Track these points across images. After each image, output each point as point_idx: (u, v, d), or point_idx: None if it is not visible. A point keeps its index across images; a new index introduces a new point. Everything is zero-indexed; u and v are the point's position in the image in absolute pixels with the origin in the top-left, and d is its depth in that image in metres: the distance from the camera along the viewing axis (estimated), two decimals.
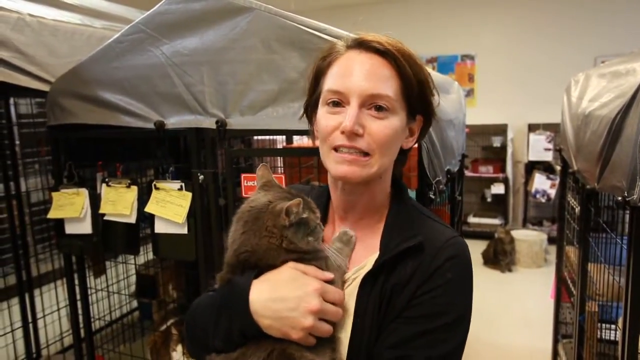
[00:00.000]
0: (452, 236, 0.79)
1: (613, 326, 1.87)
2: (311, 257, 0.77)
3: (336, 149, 0.77)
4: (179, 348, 1.96)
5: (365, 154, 0.76)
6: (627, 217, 1.34)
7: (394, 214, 0.84)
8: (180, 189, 1.60)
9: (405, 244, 0.76)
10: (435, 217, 0.86)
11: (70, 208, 1.79)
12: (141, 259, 2.32)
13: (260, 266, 0.76)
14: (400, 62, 0.77)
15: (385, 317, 0.76)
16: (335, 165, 0.78)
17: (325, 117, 0.79)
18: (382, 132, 0.76)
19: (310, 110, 0.87)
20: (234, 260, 0.78)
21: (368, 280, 0.77)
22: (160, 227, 1.63)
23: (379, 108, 0.76)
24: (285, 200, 0.75)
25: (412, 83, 0.78)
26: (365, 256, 0.82)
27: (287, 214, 0.73)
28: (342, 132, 0.75)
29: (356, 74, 0.76)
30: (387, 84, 0.76)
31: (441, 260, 0.75)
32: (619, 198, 1.23)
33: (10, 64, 1.78)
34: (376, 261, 0.78)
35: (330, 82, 0.79)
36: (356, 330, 0.76)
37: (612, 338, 1.89)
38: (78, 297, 1.94)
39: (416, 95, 0.80)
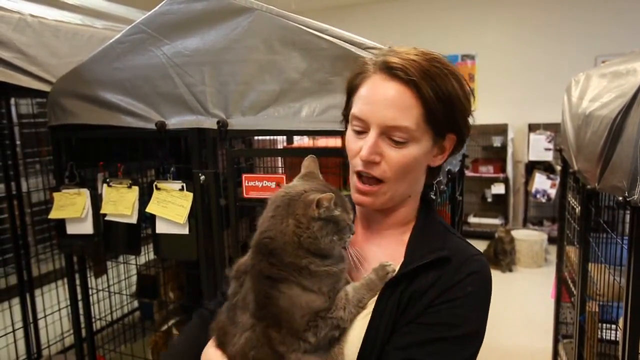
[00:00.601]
0: (476, 253, 0.82)
1: (614, 326, 1.87)
2: (330, 262, 0.76)
3: (357, 173, 0.81)
4: None
5: (379, 181, 0.79)
6: (628, 217, 1.34)
7: (420, 227, 0.86)
8: (182, 189, 1.60)
9: (433, 255, 0.78)
10: (459, 234, 0.88)
11: (72, 208, 1.79)
12: (142, 259, 2.32)
13: (276, 256, 0.74)
14: (423, 90, 0.76)
15: (399, 321, 0.77)
16: (354, 193, 0.83)
17: (350, 139, 0.83)
18: (397, 161, 0.78)
19: (346, 119, 0.90)
20: (256, 241, 0.78)
21: (390, 285, 0.78)
22: (161, 228, 1.64)
23: (397, 139, 0.78)
24: (320, 193, 0.75)
25: (436, 108, 0.77)
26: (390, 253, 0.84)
27: (318, 206, 0.73)
28: (360, 158, 0.79)
29: (377, 103, 0.78)
30: (407, 114, 0.77)
31: (464, 274, 0.77)
32: (620, 198, 1.23)
33: (11, 65, 1.78)
34: (401, 267, 0.80)
35: (356, 107, 0.82)
36: (371, 330, 0.77)
37: (613, 338, 1.89)
38: (79, 297, 1.94)
39: (442, 118, 0.79)
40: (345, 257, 0.81)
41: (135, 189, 1.72)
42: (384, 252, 0.86)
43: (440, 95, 0.77)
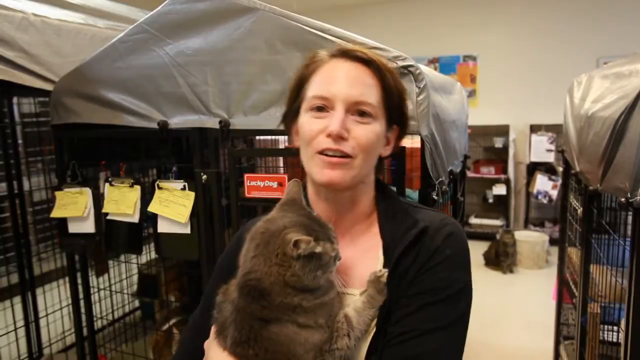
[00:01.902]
0: (445, 217, 0.83)
1: (615, 328, 1.87)
2: (320, 293, 0.73)
3: (321, 152, 0.78)
4: None
5: (350, 156, 0.78)
6: (630, 218, 1.34)
7: (384, 212, 0.85)
8: (183, 188, 1.60)
9: (410, 236, 0.78)
10: (422, 206, 0.89)
11: (74, 207, 1.80)
12: (143, 259, 2.32)
13: (266, 297, 0.71)
14: (383, 72, 0.81)
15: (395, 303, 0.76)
16: (321, 170, 0.78)
17: (309, 121, 0.80)
18: (366, 137, 0.78)
19: (290, 119, 0.87)
20: (242, 283, 0.74)
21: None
22: (163, 227, 1.64)
23: (363, 114, 0.78)
24: (301, 228, 0.72)
25: (393, 93, 0.82)
26: (374, 265, 0.81)
27: (296, 246, 0.69)
28: (329, 136, 0.77)
29: (341, 81, 0.78)
30: (370, 92, 0.79)
31: (439, 240, 0.78)
32: (622, 199, 1.23)
33: (14, 64, 1.78)
34: (387, 257, 0.79)
35: (315, 88, 0.80)
36: (379, 333, 0.76)
37: (615, 340, 1.89)
38: (81, 296, 1.95)
39: (395, 105, 0.83)
40: (334, 280, 0.77)
41: (137, 188, 1.72)
42: (360, 249, 0.84)
43: (395, 85, 0.83)
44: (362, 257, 0.83)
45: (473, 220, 5.61)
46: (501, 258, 4.51)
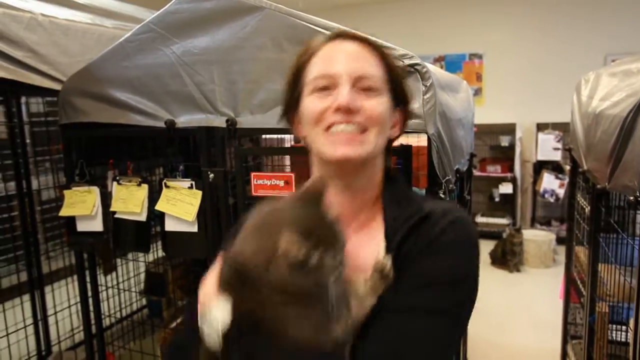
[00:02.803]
0: (452, 206, 0.79)
1: (624, 327, 1.86)
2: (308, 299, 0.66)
3: (329, 127, 0.74)
4: None
5: (363, 129, 0.74)
6: (639, 217, 1.33)
7: (389, 196, 0.81)
8: (191, 187, 1.61)
9: (412, 220, 0.74)
10: (428, 197, 0.87)
11: (82, 206, 1.81)
12: (150, 257, 2.34)
13: (249, 282, 0.64)
14: (381, 50, 0.79)
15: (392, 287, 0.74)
16: (334, 147, 0.73)
17: (313, 102, 0.76)
18: (376, 108, 0.75)
19: (291, 111, 0.83)
20: (229, 262, 0.68)
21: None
22: (170, 225, 1.65)
23: (369, 89, 0.75)
24: (301, 232, 0.64)
25: (394, 70, 0.80)
26: (376, 251, 0.79)
27: (287, 252, 0.62)
28: (337, 110, 0.73)
29: (342, 58, 0.76)
30: (374, 66, 0.77)
31: (442, 225, 0.73)
32: (630, 198, 1.22)
33: (23, 63, 1.80)
34: (388, 242, 0.75)
35: (316, 69, 0.77)
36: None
37: (623, 339, 1.88)
38: (89, 294, 1.96)
39: (399, 84, 0.81)
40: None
41: (145, 186, 1.73)
42: (365, 235, 0.81)
43: (396, 64, 0.80)
44: (366, 243, 0.80)
45: (479, 219, 5.59)
46: (508, 257, 4.49)
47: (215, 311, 0.67)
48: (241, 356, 0.66)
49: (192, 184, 1.61)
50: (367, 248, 0.80)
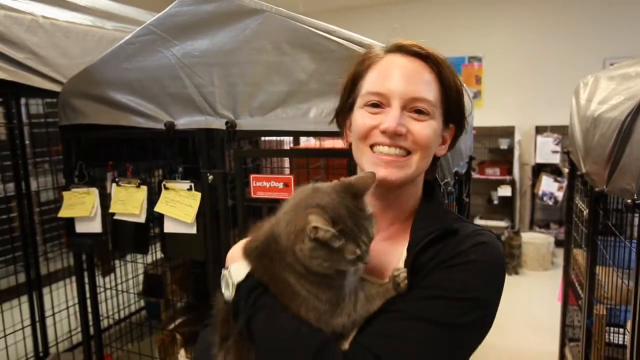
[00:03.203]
0: (482, 228, 0.77)
1: (622, 330, 1.86)
2: (324, 278, 0.70)
3: (373, 146, 0.76)
4: (182, 352, 1.97)
5: (406, 153, 0.75)
6: (636, 220, 1.34)
7: (422, 211, 0.82)
8: (190, 189, 1.61)
9: (437, 231, 0.74)
10: (465, 218, 0.85)
11: (81, 207, 1.81)
12: (149, 259, 2.34)
13: (278, 254, 0.71)
14: (440, 67, 0.77)
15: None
16: (374, 167, 0.75)
17: (363, 116, 0.77)
18: (423, 133, 0.75)
19: (343, 114, 0.85)
20: (268, 232, 0.74)
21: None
22: (169, 227, 1.65)
23: (419, 111, 0.75)
24: (331, 215, 0.67)
25: (451, 90, 0.78)
26: (397, 260, 0.80)
27: (313, 230, 0.65)
28: (383, 132, 0.74)
29: (398, 76, 0.75)
30: (428, 88, 0.76)
31: (467, 245, 0.72)
32: (628, 201, 1.23)
33: (23, 65, 1.80)
34: (409, 254, 0.75)
35: (370, 84, 0.78)
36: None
37: (621, 342, 1.88)
38: (87, 295, 1.96)
39: (453, 103, 0.80)
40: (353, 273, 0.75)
41: (144, 188, 1.74)
42: (390, 244, 0.82)
43: (454, 81, 0.78)
44: (390, 252, 0.81)
45: (478, 222, 5.60)
46: (507, 260, 4.50)
47: (234, 268, 0.77)
48: (247, 308, 0.73)
49: (191, 186, 1.61)
50: (389, 257, 0.81)
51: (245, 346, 0.76)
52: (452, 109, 0.80)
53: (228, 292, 0.77)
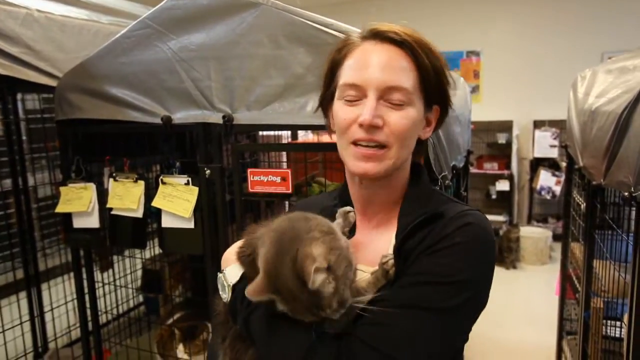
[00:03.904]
0: (469, 209, 0.77)
1: (618, 323, 1.87)
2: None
3: (355, 142, 0.77)
4: (181, 347, 1.97)
5: (383, 146, 0.76)
6: (634, 213, 1.34)
7: (409, 194, 0.83)
8: (187, 183, 1.61)
9: (424, 215, 0.75)
10: (454, 198, 0.85)
11: (78, 202, 1.81)
12: (147, 254, 2.33)
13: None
14: (417, 52, 0.77)
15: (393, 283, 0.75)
16: (355, 162, 0.77)
17: (342, 110, 0.78)
18: (400, 124, 0.75)
19: (325, 104, 0.86)
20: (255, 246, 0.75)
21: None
22: (167, 222, 1.65)
23: (397, 100, 0.75)
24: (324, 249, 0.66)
25: (429, 73, 0.78)
26: (385, 246, 0.81)
27: (313, 279, 0.63)
28: (361, 125, 0.74)
29: (373, 66, 0.75)
30: (404, 76, 0.76)
31: (453, 227, 0.72)
32: (626, 194, 1.23)
33: (18, 60, 1.79)
34: (396, 237, 0.77)
35: (347, 75, 0.78)
36: None
37: (618, 335, 1.89)
38: (85, 290, 1.96)
39: (433, 86, 0.79)
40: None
41: (141, 183, 1.73)
42: (379, 231, 0.84)
43: (433, 64, 0.78)
44: (379, 239, 0.83)
45: None
46: (505, 254, 4.51)
47: (229, 270, 0.81)
48: (243, 309, 0.75)
49: (188, 181, 1.60)
50: (378, 243, 0.82)
51: (239, 347, 0.78)
52: (433, 92, 0.80)
53: (225, 294, 0.80)
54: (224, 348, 0.81)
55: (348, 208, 0.82)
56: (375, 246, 0.82)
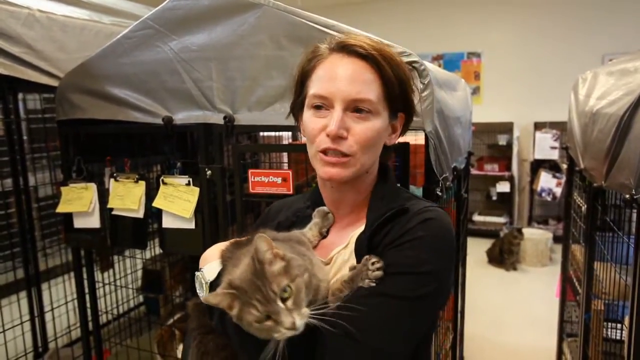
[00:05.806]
0: (432, 206, 0.82)
1: (619, 325, 1.87)
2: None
3: (322, 151, 0.81)
4: (181, 347, 1.98)
5: (349, 154, 0.80)
6: (635, 215, 1.34)
7: (376, 193, 0.88)
8: (188, 184, 1.61)
9: (390, 212, 0.80)
10: (418, 196, 0.91)
11: (79, 202, 1.81)
12: (147, 254, 2.33)
13: None
14: (382, 65, 0.81)
15: None
16: (322, 168, 0.82)
17: (311, 120, 0.83)
18: (364, 134, 0.80)
19: (296, 111, 0.91)
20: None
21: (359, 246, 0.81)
22: (167, 222, 1.65)
23: (362, 111, 0.80)
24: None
25: (393, 85, 0.82)
26: (347, 236, 0.86)
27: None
28: (328, 135, 0.79)
29: (339, 79, 0.80)
30: (369, 88, 0.80)
31: (415, 222, 0.77)
32: (627, 196, 1.23)
33: (20, 59, 1.79)
34: (366, 226, 0.82)
35: (315, 86, 0.82)
36: None
37: (618, 337, 1.89)
38: (86, 290, 1.96)
39: (397, 96, 0.84)
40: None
41: (142, 183, 1.73)
42: (347, 230, 0.88)
43: (397, 75, 0.83)
44: (344, 236, 0.88)
45: (476, 218, 5.60)
46: (505, 255, 4.51)
47: (207, 269, 0.84)
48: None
49: (189, 181, 1.61)
50: (343, 240, 0.88)
51: (206, 343, 0.82)
52: (397, 101, 0.85)
53: (202, 292, 0.82)
54: (192, 347, 0.84)
55: (326, 208, 0.90)
56: (340, 244, 0.88)
